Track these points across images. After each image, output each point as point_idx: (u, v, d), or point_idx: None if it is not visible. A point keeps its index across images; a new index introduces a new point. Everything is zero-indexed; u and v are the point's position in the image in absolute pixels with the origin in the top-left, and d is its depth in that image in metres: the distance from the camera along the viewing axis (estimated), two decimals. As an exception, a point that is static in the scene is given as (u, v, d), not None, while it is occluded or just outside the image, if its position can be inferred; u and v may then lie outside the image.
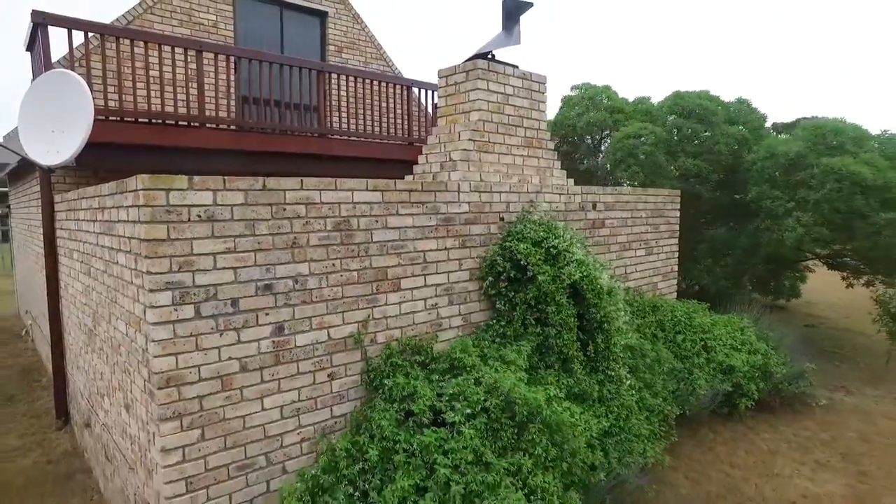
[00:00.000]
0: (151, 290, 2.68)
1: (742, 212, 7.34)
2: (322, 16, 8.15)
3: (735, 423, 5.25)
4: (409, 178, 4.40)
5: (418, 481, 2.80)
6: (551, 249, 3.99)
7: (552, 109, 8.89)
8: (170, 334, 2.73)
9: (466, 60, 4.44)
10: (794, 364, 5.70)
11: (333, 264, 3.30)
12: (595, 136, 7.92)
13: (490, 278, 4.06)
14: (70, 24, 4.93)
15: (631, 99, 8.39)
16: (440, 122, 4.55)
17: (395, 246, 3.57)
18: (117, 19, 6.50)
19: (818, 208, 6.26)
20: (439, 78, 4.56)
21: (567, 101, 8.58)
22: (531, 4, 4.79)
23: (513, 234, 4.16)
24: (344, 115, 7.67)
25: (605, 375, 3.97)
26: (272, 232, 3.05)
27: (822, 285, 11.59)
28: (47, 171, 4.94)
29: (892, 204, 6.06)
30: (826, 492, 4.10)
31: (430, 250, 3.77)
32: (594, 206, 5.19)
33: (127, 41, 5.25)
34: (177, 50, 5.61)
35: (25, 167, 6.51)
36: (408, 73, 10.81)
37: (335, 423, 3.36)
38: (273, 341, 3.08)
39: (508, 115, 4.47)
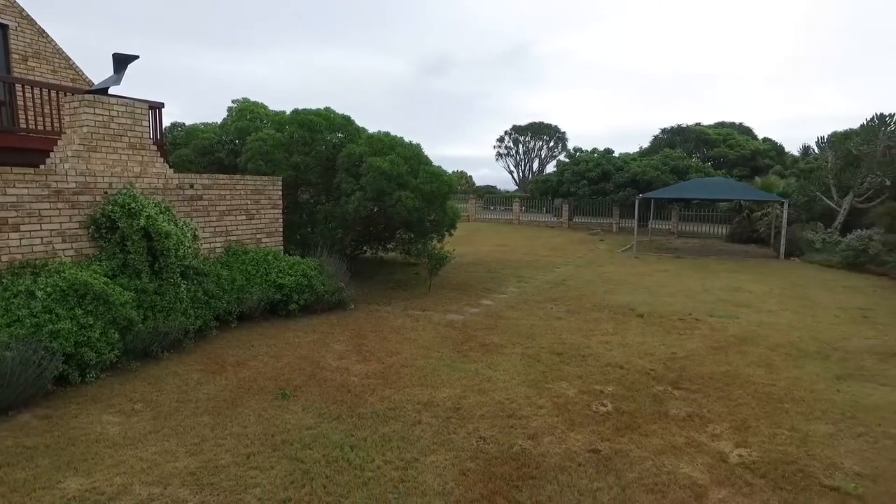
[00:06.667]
0: None
1: (338, 192, 11.08)
2: (3, 28, 9.92)
3: (286, 320, 8.72)
4: (42, 166, 6.94)
5: (12, 319, 5.54)
6: (131, 209, 6.91)
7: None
8: None
9: (85, 93, 7.11)
10: (338, 284, 9.42)
11: (-34, 214, 5.81)
12: (242, 138, 11.02)
13: (94, 227, 6.86)
14: None
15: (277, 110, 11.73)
16: (67, 131, 7.16)
17: (15, 205, 6.18)
18: None
19: (366, 189, 10.18)
20: (64, 104, 7.17)
21: (229, 111, 11.62)
22: (137, 57, 7.61)
23: (111, 202, 6.99)
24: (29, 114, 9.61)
25: (164, 281, 7.02)
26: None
27: (472, 248, 16.37)
28: None
29: (401, 186, 10.21)
30: (299, 341, 7.68)
31: (45, 209, 6.44)
32: (192, 186, 8.24)
33: None
34: None
35: None
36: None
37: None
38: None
39: (114, 129, 7.26)
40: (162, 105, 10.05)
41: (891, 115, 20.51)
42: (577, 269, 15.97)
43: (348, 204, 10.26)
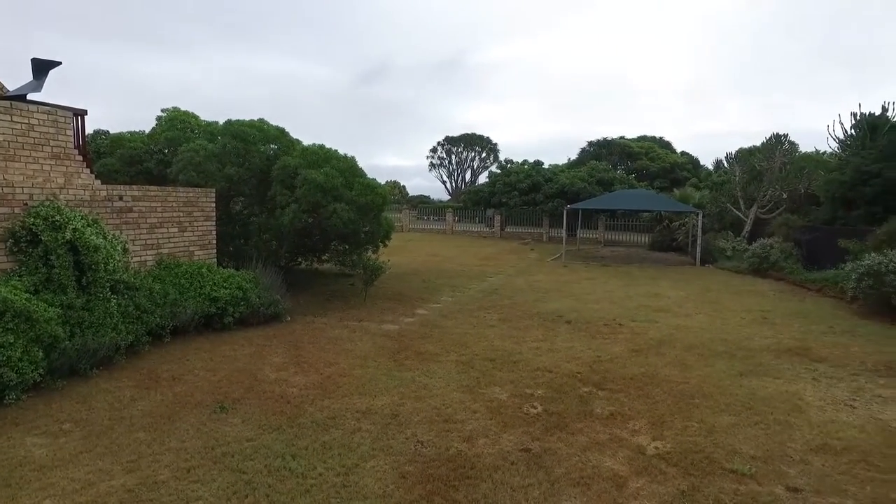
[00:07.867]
0: None
1: (272, 204, 11.04)
2: None
3: (222, 333, 8.61)
4: (-46, 176, 6.59)
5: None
6: (55, 222, 6.67)
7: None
8: None
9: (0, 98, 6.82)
10: (273, 297, 9.39)
11: None
12: (173, 148, 10.79)
13: (12, 240, 6.57)
14: None
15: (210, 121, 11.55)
16: (-19, 139, 6.83)
17: (-75, 219, 5.85)
18: None
19: (301, 201, 10.21)
20: (-21, 111, 6.83)
21: (158, 120, 11.33)
22: (59, 63, 7.37)
23: (32, 214, 6.72)
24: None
25: (93, 295, 6.81)
26: None
27: (406, 259, 16.50)
28: None
29: (337, 199, 10.32)
30: (236, 354, 7.63)
31: (-42, 222, 6.13)
32: (121, 198, 8.02)
33: None
34: None
35: None
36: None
37: None
38: None
39: (34, 137, 6.99)
40: (85, 112, 9.71)
41: (785, 135, 22.71)
42: (509, 278, 16.49)
43: (283, 216, 10.24)
